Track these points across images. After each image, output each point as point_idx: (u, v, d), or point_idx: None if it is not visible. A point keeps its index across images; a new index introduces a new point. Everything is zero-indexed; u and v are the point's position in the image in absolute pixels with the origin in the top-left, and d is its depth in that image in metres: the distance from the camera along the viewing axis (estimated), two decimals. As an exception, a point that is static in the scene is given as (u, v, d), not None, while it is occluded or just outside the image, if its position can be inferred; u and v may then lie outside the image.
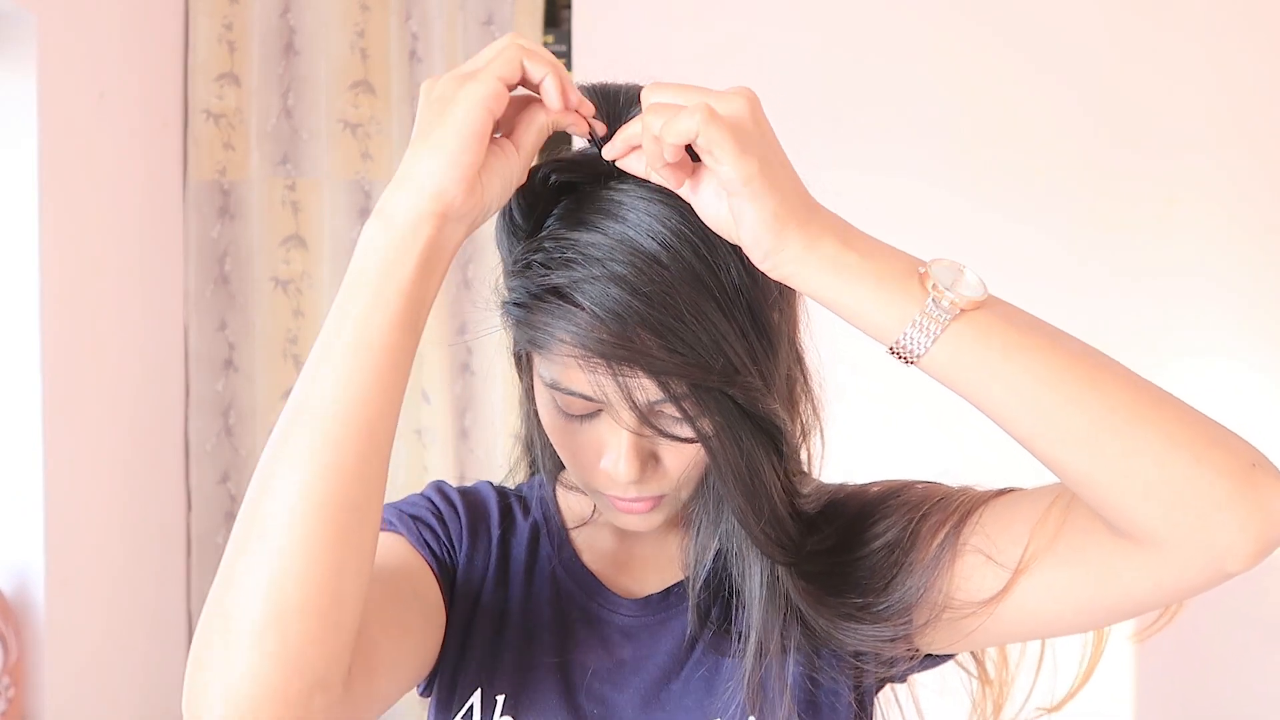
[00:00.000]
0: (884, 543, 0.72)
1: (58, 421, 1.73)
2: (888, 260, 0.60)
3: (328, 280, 2.20)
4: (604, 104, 0.67)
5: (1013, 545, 0.67)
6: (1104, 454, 0.59)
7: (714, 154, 0.57)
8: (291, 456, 0.56)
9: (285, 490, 0.56)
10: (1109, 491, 0.60)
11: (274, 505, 0.56)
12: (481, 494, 0.84)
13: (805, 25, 2.19)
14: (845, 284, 0.59)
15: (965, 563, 0.69)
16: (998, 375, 0.59)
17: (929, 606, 0.70)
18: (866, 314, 0.60)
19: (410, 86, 2.18)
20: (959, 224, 2.16)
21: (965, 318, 0.59)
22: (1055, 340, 0.61)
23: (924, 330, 0.59)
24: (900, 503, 0.73)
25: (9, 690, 1.63)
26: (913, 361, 0.60)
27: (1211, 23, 2.14)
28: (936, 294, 0.59)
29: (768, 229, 0.59)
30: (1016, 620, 0.68)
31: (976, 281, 0.60)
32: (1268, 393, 2.13)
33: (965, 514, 0.70)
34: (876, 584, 0.71)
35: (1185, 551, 0.60)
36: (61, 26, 1.74)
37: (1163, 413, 0.60)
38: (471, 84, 0.60)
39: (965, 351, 0.59)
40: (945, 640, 0.72)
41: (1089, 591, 0.65)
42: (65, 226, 1.76)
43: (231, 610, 0.55)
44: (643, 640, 0.77)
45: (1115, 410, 0.59)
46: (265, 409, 2.21)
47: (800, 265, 0.60)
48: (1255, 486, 0.58)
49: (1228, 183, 2.14)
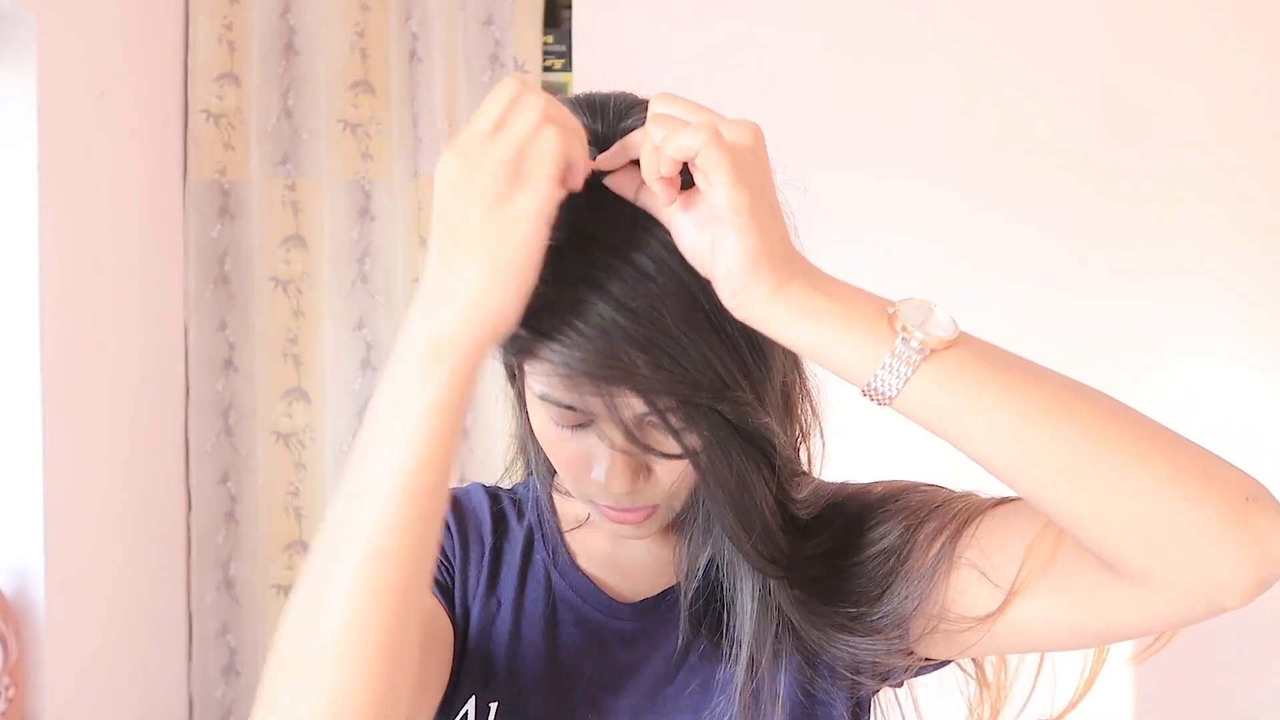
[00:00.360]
0: (880, 549, 0.71)
1: (58, 421, 1.73)
2: (856, 303, 0.59)
3: (328, 280, 2.20)
4: (593, 117, 0.65)
5: (1007, 564, 0.66)
6: (1087, 492, 0.57)
7: (709, 176, 0.56)
8: (336, 595, 0.55)
9: (333, 624, 0.55)
10: (1094, 530, 0.58)
11: (321, 638, 0.56)
12: (473, 501, 0.82)
13: (805, 25, 2.19)
14: (813, 327, 0.58)
15: (960, 576, 0.68)
16: (972, 413, 0.58)
17: (925, 618, 0.69)
18: (835, 357, 0.59)
19: (410, 86, 2.18)
20: (959, 224, 2.17)
21: (936, 358, 0.58)
22: (1032, 376, 0.59)
23: (894, 372, 0.58)
24: (899, 507, 0.73)
25: (9, 690, 1.63)
26: (885, 403, 0.59)
27: (1211, 22, 2.14)
28: (905, 334, 0.57)
29: (743, 266, 0.57)
30: (1012, 636, 0.68)
31: (947, 320, 0.58)
32: (1268, 393, 2.13)
33: (963, 524, 0.69)
34: (871, 592, 0.70)
35: (1178, 589, 0.58)
36: (61, 26, 1.74)
37: (1150, 447, 0.57)
38: (530, 194, 0.55)
39: (938, 391, 0.58)
40: (942, 649, 0.72)
41: (1080, 619, 0.65)
42: (65, 226, 1.76)
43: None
44: (639, 645, 0.76)
45: (1097, 446, 0.57)
46: (265, 409, 2.21)
47: (768, 307, 0.58)
48: (1251, 522, 0.56)
49: (1228, 183, 2.14)
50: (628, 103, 0.66)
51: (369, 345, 2.21)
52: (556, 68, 2.27)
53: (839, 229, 2.16)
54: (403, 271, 2.19)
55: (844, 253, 2.11)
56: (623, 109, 0.65)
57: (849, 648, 0.71)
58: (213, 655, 2.20)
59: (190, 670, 2.20)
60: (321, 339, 2.21)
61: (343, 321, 2.20)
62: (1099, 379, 0.57)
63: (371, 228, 2.20)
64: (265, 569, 2.20)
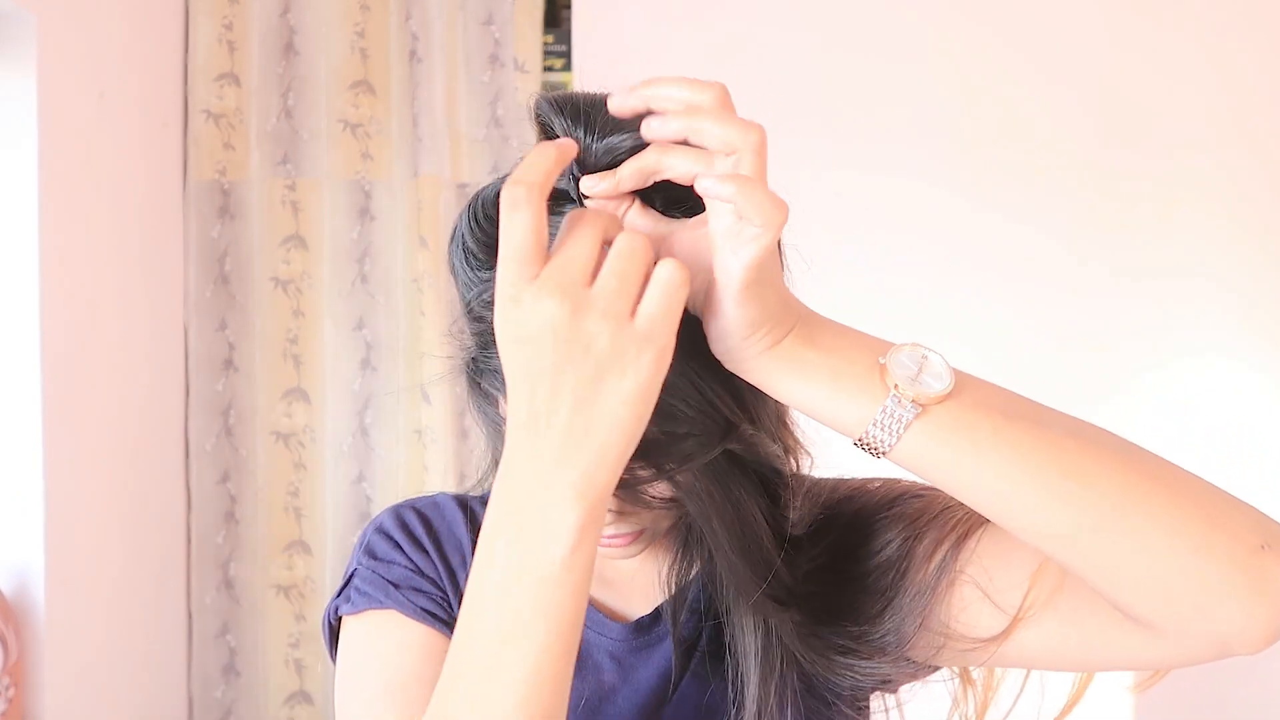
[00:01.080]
0: (878, 562, 0.69)
1: (58, 421, 1.73)
2: (848, 355, 0.56)
3: (328, 280, 2.20)
4: (576, 122, 0.58)
5: (1012, 589, 0.65)
6: (1090, 550, 0.55)
7: (737, 240, 0.52)
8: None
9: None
10: (1102, 582, 0.56)
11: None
12: (446, 518, 0.79)
13: (805, 25, 2.19)
14: (803, 383, 0.56)
15: (962, 594, 0.67)
16: (971, 467, 0.55)
17: (931, 634, 0.68)
18: (828, 413, 0.56)
19: (410, 86, 2.18)
20: (959, 224, 2.17)
21: (930, 412, 0.55)
22: (1034, 425, 0.56)
23: (886, 429, 0.55)
24: (896, 515, 0.71)
25: (9, 690, 1.63)
26: (879, 457, 0.57)
27: (1211, 23, 2.14)
28: (896, 392, 0.55)
29: (740, 331, 0.55)
30: (1012, 656, 0.67)
31: (942, 370, 0.55)
32: (1268, 393, 2.13)
33: (963, 535, 0.68)
34: (872, 608, 0.68)
35: (1187, 638, 0.56)
36: (61, 26, 1.74)
37: (1158, 496, 0.54)
38: (653, 353, 0.51)
39: (934, 447, 0.55)
40: (943, 660, 0.71)
41: (1086, 651, 0.63)
42: (65, 227, 1.76)
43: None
44: (633, 664, 0.75)
45: (1103, 500, 0.54)
46: (265, 409, 2.21)
47: (758, 363, 0.56)
48: (1264, 573, 0.53)
49: (1228, 183, 2.14)
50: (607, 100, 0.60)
51: (369, 345, 2.21)
52: (556, 68, 2.27)
53: (839, 229, 2.16)
54: (403, 271, 2.19)
55: (844, 253, 2.12)
56: (611, 122, 0.58)
57: (852, 672, 0.69)
58: (213, 655, 2.20)
59: (190, 670, 2.20)
60: (321, 339, 2.21)
61: (343, 321, 2.20)
62: (1099, 379, 0.56)
63: (371, 228, 2.20)
64: (265, 569, 2.20)
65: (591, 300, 0.50)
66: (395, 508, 0.80)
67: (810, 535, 0.70)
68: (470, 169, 2.19)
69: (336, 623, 0.77)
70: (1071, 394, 2.03)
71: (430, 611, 0.73)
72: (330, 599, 0.78)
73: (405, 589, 0.74)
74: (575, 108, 0.58)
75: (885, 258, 2.16)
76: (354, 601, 0.75)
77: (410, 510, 0.79)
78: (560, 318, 0.49)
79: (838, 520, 0.73)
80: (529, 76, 2.19)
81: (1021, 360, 2.09)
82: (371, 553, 0.77)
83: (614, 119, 0.57)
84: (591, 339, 0.50)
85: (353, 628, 0.75)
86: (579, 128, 0.58)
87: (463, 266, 0.63)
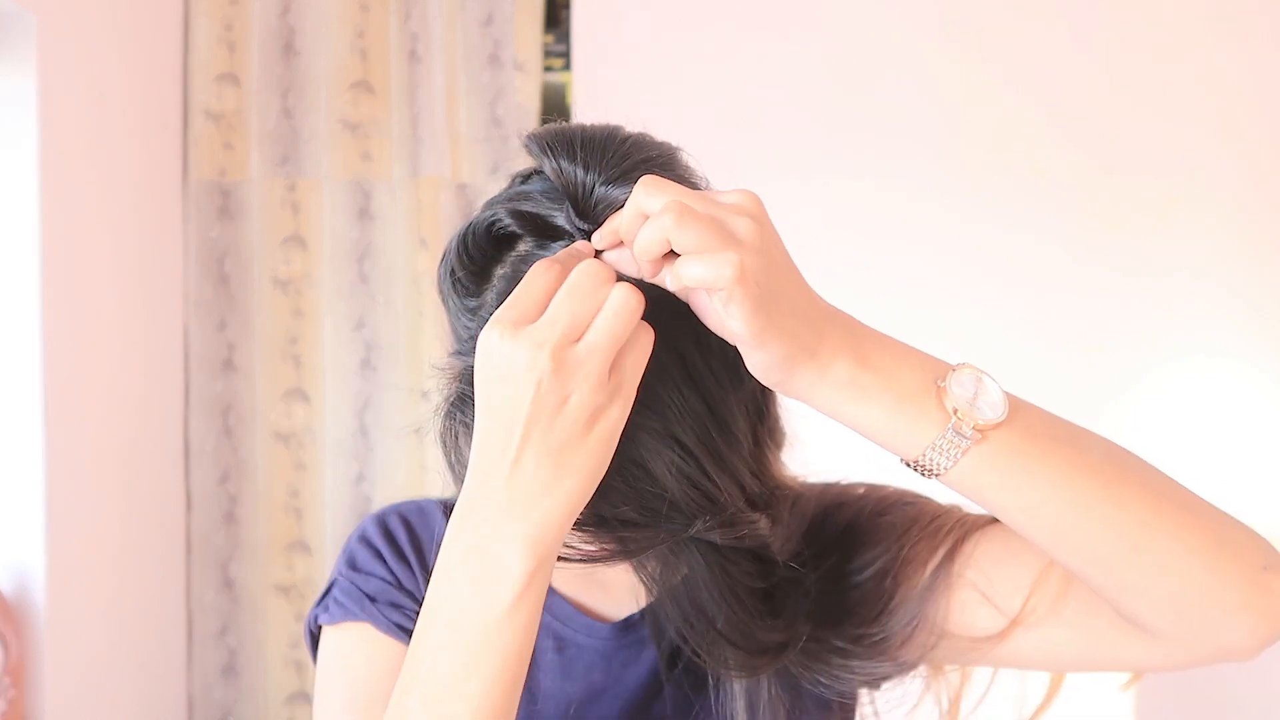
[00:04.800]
0: (873, 572, 0.70)
1: (58, 421, 1.73)
2: (904, 377, 0.56)
3: (328, 280, 2.20)
4: (573, 159, 0.58)
5: (1013, 593, 0.66)
6: (1121, 569, 0.58)
7: (728, 309, 0.52)
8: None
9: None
10: (1117, 597, 0.59)
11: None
12: (430, 523, 0.79)
13: (805, 25, 2.19)
14: (862, 407, 0.56)
15: (960, 596, 0.68)
16: (1018, 492, 0.57)
17: (926, 634, 0.68)
18: (885, 436, 0.57)
19: (410, 86, 2.18)
20: (960, 224, 2.17)
21: (988, 438, 0.56)
22: (1076, 450, 0.58)
23: (944, 454, 0.56)
24: (888, 525, 0.71)
25: (9, 690, 1.63)
26: (931, 478, 0.58)
27: (1211, 23, 2.14)
28: (957, 420, 0.56)
29: (777, 369, 0.55)
30: (1003, 658, 0.68)
31: (998, 397, 0.57)
32: (1268, 393, 2.13)
33: (959, 541, 0.68)
34: (867, 614, 0.69)
35: (1190, 645, 0.60)
36: (61, 26, 1.74)
37: (1179, 523, 0.57)
38: (623, 407, 0.54)
39: (986, 470, 0.57)
40: (927, 659, 0.71)
41: (1085, 654, 0.65)
42: (65, 227, 1.76)
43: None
44: (623, 664, 0.74)
45: (1132, 528, 0.57)
46: (265, 409, 2.21)
47: (812, 391, 0.56)
48: (1266, 591, 0.58)
49: (1228, 183, 2.14)
50: (620, 155, 0.59)
51: (369, 345, 2.21)
52: (556, 68, 2.27)
53: (839, 229, 2.17)
54: (403, 271, 2.19)
55: (846, 255, 2.12)
56: (613, 174, 0.57)
57: (846, 673, 0.69)
58: (212, 655, 2.20)
59: (190, 670, 2.20)
60: (321, 339, 2.21)
61: (343, 321, 2.20)
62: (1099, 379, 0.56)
63: (371, 228, 2.20)
64: (265, 569, 2.20)
65: (579, 361, 0.52)
66: (381, 514, 0.80)
67: (799, 551, 0.70)
68: (470, 169, 2.19)
69: (317, 630, 0.79)
70: (1072, 395, 2.04)
71: (403, 626, 0.74)
72: (313, 604, 0.79)
73: (381, 603, 0.75)
74: (569, 147, 0.58)
75: (887, 259, 2.16)
76: (331, 612, 0.77)
77: (395, 516, 0.80)
78: (544, 370, 0.52)
79: (828, 531, 0.73)
80: (529, 76, 2.19)
81: (1022, 361, 2.09)
82: (352, 563, 0.78)
83: (607, 157, 0.58)
84: (567, 396, 0.52)
85: (329, 637, 0.77)
86: (575, 166, 0.58)
87: (450, 293, 0.64)
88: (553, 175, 0.59)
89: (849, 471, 0.79)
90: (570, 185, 0.58)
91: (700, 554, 0.63)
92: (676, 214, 0.51)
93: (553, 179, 0.59)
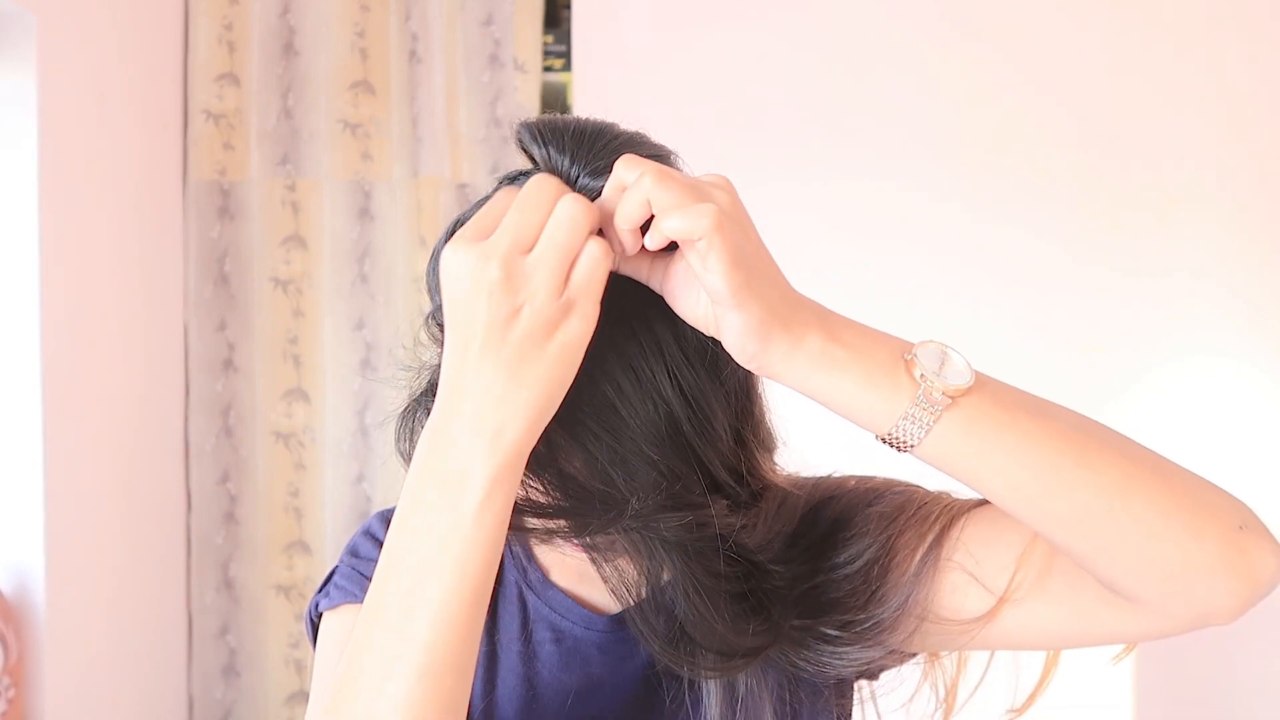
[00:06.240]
0: (863, 561, 0.70)
1: (58, 421, 1.73)
2: (873, 351, 0.58)
3: (328, 280, 2.20)
4: (560, 150, 0.59)
5: (999, 571, 0.67)
6: (1096, 533, 0.59)
7: (706, 263, 0.54)
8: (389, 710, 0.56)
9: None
10: (1097, 564, 0.60)
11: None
12: None
13: (805, 25, 2.19)
14: (833, 380, 0.58)
15: (949, 579, 0.68)
16: (988, 459, 0.58)
17: (912, 618, 0.69)
18: (856, 408, 0.58)
19: (410, 86, 2.18)
20: (960, 225, 2.17)
21: (958, 405, 0.58)
22: (1045, 419, 0.59)
23: (916, 422, 0.57)
24: (877, 514, 0.72)
25: (9, 690, 1.63)
26: (904, 450, 0.59)
27: (1211, 25, 2.14)
28: (927, 385, 0.57)
29: (753, 335, 0.56)
30: (992, 638, 0.68)
31: (964, 365, 0.58)
32: (1268, 393, 2.13)
33: (945, 526, 0.69)
34: (856, 601, 0.69)
35: (1172, 610, 0.61)
36: (61, 26, 1.74)
37: (1154, 485, 0.58)
38: (581, 322, 0.55)
39: (959, 439, 0.58)
40: (925, 645, 0.72)
41: (1072, 627, 0.66)
42: (65, 226, 1.76)
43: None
44: (621, 655, 0.75)
45: (1107, 490, 0.58)
46: (265, 409, 2.21)
47: (787, 364, 0.57)
48: (1243, 551, 0.58)
49: (1228, 183, 2.14)
50: (609, 150, 0.59)
51: (369, 345, 2.21)
52: (556, 68, 2.28)
53: (840, 232, 2.17)
54: (403, 271, 2.19)
55: (846, 255, 2.12)
56: (600, 166, 0.59)
57: (838, 661, 0.70)
58: (213, 655, 2.20)
59: (190, 670, 2.20)
60: (321, 339, 2.21)
61: (343, 321, 2.20)
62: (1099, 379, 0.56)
63: (371, 228, 2.20)
64: (265, 569, 2.21)
65: (530, 268, 0.54)
66: (386, 511, 0.81)
67: (788, 546, 0.71)
68: (470, 169, 2.19)
69: (318, 619, 0.80)
70: (1072, 395, 2.03)
71: None
72: (314, 595, 0.81)
73: None
74: (559, 137, 0.60)
75: (887, 259, 2.16)
76: (331, 597, 0.78)
77: None
78: (493, 280, 0.53)
79: (819, 524, 0.73)
80: (529, 76, 2.19)
81: (1022, 361, 2.09)
82: (354, 551, 0.80)
83: (596, 149, 0.59)
84: (515, 297, 0.54)
85: (329, 621, 0.78)
86: (564, 155, 0.59)
87: (436, 288, 0.65)
88: (540, 163, 0.60)
89: (839, 465, 0.79)
90: (556, 174, 0.59)
91: (670, 555, 0.64)
92: (655, 174, 0.54)
93: (540, 167, 0.60)
